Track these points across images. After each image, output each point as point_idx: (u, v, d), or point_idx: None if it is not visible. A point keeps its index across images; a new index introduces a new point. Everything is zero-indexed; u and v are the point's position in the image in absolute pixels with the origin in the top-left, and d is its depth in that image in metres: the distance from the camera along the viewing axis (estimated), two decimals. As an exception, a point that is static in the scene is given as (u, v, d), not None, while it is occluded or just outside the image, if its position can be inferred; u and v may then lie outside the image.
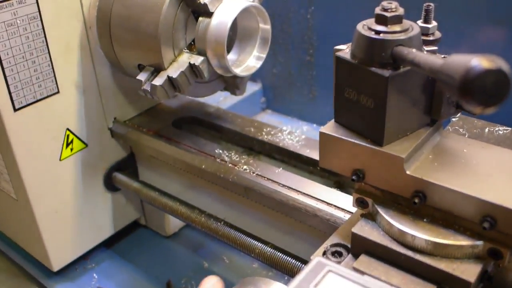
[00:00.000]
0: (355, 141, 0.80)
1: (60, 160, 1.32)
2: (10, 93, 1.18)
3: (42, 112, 1.25)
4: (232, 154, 1.24)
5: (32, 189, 1.29)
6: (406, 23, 0.77)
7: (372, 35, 0.75)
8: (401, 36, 0.74)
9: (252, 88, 1.92)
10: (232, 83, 1.26)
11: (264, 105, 1.91)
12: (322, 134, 0.84)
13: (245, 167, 1.19)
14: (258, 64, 1.21)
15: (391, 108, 0.76)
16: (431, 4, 0.85)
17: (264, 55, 1.21)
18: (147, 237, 1.61)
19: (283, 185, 1.13)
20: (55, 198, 1.35)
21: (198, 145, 1.29)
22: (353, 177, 0.82)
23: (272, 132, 1.32)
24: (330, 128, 0.84)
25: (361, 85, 0.78)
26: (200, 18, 1.13)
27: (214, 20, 1.10)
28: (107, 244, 1.55)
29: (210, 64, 1.14)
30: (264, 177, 1.16)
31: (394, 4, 0.76)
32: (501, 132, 0.99)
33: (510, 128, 1.04)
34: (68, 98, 1.29)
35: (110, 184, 1.45)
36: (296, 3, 1.54)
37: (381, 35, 0.75)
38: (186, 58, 1.14)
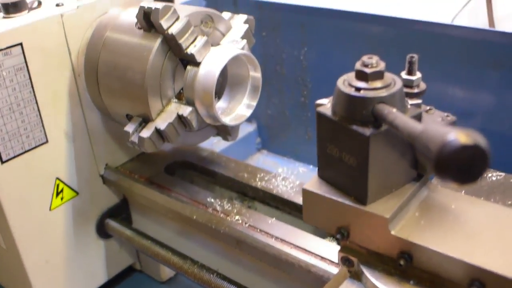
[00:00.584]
0: (338, 199, 0.78)
1: (50, 210, 1.29)
2: (-4, 145, 1.15)
3: (30, 163, 1.22)
4: (225, 202, 1.21)
5: (22, 239, 1.26)
6: (388, 77, 0.74)
7: (352, 92, 0.72)
8: (383, 93, 0.71)
9: (247, 128, 1.89)
10: (224, 130, 1.23)
11: (259, 146, 1.88)
12: (305, 191, 0.81)
13: (237, 217, 1.16)
14: (248, 112, 1.18)
15: (374, 166, 0.73)
16: (415, 55, 0.81)
17: (254, 103, 1.18)
18: (143, 282, 1.57)
19: (276, 238, 1.09)
20: (46, 248, 1.31)
21: (190, 193, 1.26)
22: (337, 236, 0.80)
23: (266, 178, 1.29)
24: (313, 184, 0.82)
25: (343, 143, 0.76)
26: (188, 67, 1.10)
27: (202, 70, 1.08)
28: (101, 291, 1.52)
29: (199, 114, 1.11)
30: (257, 229, 1.12)
31: (374, 59, 0.73)
32: (494, 178, 0.96)
33: (503, 174, 1.00)
34: (57, 147, 1.27)
35: (102, 231, 1.42)
36: (289, 44, 1.52)
37: (361, 92, 0.72)
38: (174, 108, 1.11)
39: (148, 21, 1.07)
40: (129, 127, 1.12)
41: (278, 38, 1.53)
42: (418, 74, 0.82)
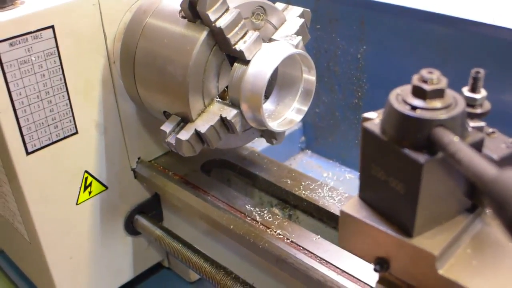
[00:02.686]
0: (380, 228, 0.69)
1: (77, 204, 1.21)
2: (22, 135, 1.06)
3: (58, 155, 1.13)
4: (265, 212, 1.10)
5: (45, 234, 1.18)
6: (449, 96, 0.63)
7: (407, 111, 0.62)
8: (442, 115, 0.62)
9: (291, 126, 1.73)
10: (269, 133, 1.11)
11: (303, 145, 1.73)
12: (343, 214, 0.73)
13: (278, 231, 1.05)
14: (299, 118, 1.06)
15: (425, 196, 0.64)
16: (480, 70, 0.70)
17: (305, 108, 1.06)
18: (170, 280, 1.49)
19: (320, 259, 0.98)
20: (70, 244, 1.23)
21: (227, 197, 1.15)
22: (376, 267, 0.71)
23: (311, 187, 1.17)
24: (353, 207, 0.73)
25: (391, 166, 0.66)
26: (236, 64, 0.98)
27: (251, 69, 0.96)
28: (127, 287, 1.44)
29: (243, 116, 0.99)
30: (300, 246, 1.01)
31: (435, 75, 0.63)
32: None
33: None
34: (88, 138, 1.17)
35: (131, 228, 1.34)
36: (346, 40, 1.37)
37: (417, 111, 0.62)
38: (217, 110, 1.00)
39: (193, 10, 0.95)
40: (166, 127, 1.01)
41: (334, 33, 1.38)
42: (483, 92, 0.71)
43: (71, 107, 1.12)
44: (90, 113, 1.16)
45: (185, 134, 0.99)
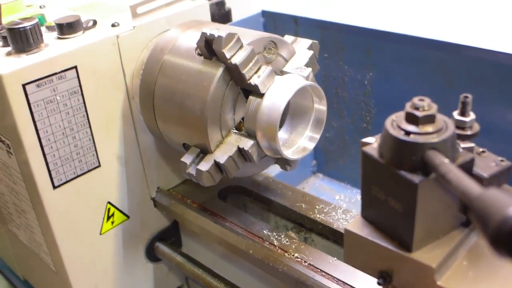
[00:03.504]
0: (382, 244, 0.74)
1: (100, 234, 1.25)
2: (49, 170, 1.12)
3: (82, 187, 1.18)
4: (282, 236, 1.15)
5: (71, 264, 1.22)
6: (440, 121, 0.69)
7: (401, 136, 0.68)
8: (434, 139, 0.67)
9: (303, 150, 1.77)
10: (283, 160, 1.16)
11: (314, 168, 1.79)
12: (347, 232, 0.79)
13: (296, 254, 1.09)
14: (311, 145, 1.11)
15: (422, 214, 0.70)
16: (469, 95, 0.77)
17: (318, 136, 1.11)
18: (190, 304, 1.53)
19: (338, 280, 1.03)
20: (95, 272, 1.28)
21: (245, 223, 1.20)
22: (379, 281, 0.77)
23: (325, 210, 1.22)
24: (356, 225, 0.79)
25: (389, 187, 0.72)
26: (251, 97, 1.04)
27: (266, 101, 1.01)
28: (148, 312, 1.48)
29: (259, 146, 1.05)
30: (317, 269, 1.06)
31: (426, 102, 0.69)
32: None
33: None
34: (110, 170, 1.22)
35: (152, 255, 1.38)
36: (353, 67, 1.44)
37: (411, 136, 0.68)
38: (235, 141, 1.05)
39: (209, 48, 1.01)
40: (187, 158, 1.07)
41: (341, 61, 1.44)
42: (472, 115, 0.78)
43: (94, 142, 1.17)
44: (112, 147, 1.21)
45: (205, 165, 1.04)
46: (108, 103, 1.18)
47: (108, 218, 1.26)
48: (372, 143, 0.75)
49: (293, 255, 1.10)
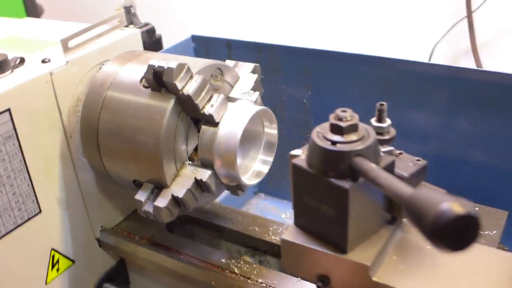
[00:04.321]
0: (318, 249, 0.79)
1: (46, 284, 1.17)
2: (-13, 224, 1.02)
3: (24, 237, 1.09)
4: (242, 263, 1.13)
5: (16, 320, 1.13)
6: (362, 129, 0.74)
7: (328, 146, 0.72)
8: (359, 146, 0.72)
9: (242, 172, 1.75)
10: (236, 185, 1.15)
11: (256, 189, 1.78)
12: (283, 241, 0.83)
13: (260, 279, 1.08)
14: (266, 168, 1.11)
15: (353, 216, 0.74)
16: (384, 103, 0.83)
17: (271, 159, 1.11)
18: None
19: (307, 301, 1.03)
20: (41, 325, 1.19)
21: (201, 254, 1.17)
22: (318, 284, 0.81)
23: (279, 231, 1.22)
24: (291, 234, 0.83)
25: (321, 195, 0.76)
26: (204, 127, 1.01)
27: (222, 130, 0.99)
28: None
29: (217, 176, 1.03)
30: (284, 292, 1.05)
31: (349, 113, 0.73)
32: None
33: (478, 205, 1.04)
34: (51, 215, 1.15)
35: (100, 298, 1.31)
36: (291, 86, 1.45)
37: (337, 145, 0.72)
38: (190, 173, 1.02)
39: (158, 80, 0.98)
40: (141, 196, 1.02)
41: (278, 81, 1.45)
42: (388, 121, 0.84)
43: (33, 187, 1.09)
44: (52, 190, 1.14)
45: (162, 201, 1.00)
46: (46, 145, 1.10)
47: (53, 265, 1.17)
48: (300, 154, 0.80)
49: (256, 281, 1.08)
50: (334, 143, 0.72)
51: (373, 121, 0.84)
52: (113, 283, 1.31)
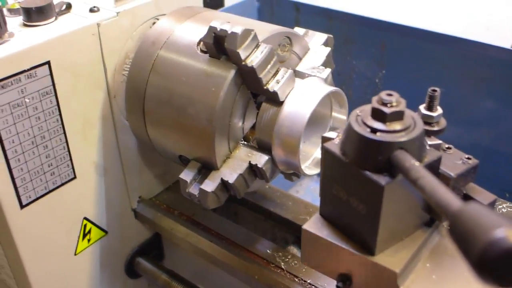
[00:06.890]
0: (343, 246, 0.69)
1: (75, 254, 1.08)
2: (16, 188, 0.93)
3: (55, 204, 1.00)
4: (289, 258, 1.01)
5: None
6: (408, 117, 0.63)
7: (367, 133, 0.61)
8: (402, 138, 0.61)
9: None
10: (292, 172, 1.02)
11: None
12: (305, 232, 0.73)
13: (309, 280, 0.97)
14: (331, 158, 0.97)
15: (386, 216, 0.64)
16: (437, 89, 0.72)
17: (338, 148, 0.97)
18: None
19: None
20: (67, 296, 1.11)
21: (245, 241, 1.05)
22: (338, 284, 0.72)
23: (334, 224, 1.09)
24: (314, 224, 0.73)
25: (352, 187, 0.66)
26: (265, 105, 0.88)
27: (287, 110, 0.86)
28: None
29: (274, 162, 0.90)
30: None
31: (395, 97, 0.62)
32: (504, 210, 0.85)
33: None
34: (87, 182, 1.04)
35: (132, 271, 1.22)
36: (363, 63, 1.26)
37: (378, 134, 0.61)
38: (245, 155, 0.89)
39: (219, 46, 0.84)
40: (186, 175, 0.90)
41: (348, 55, 1.29)
42: (439, 110, 0.73)
43: (68, 151, 0.99)
44: (89, 155, 1.03)
45: (210, 185, 0.88)
46: (86, 104, 0.99)
47: (84, 235, 1.08)
48: (334, 138, 0.69)
49: (304, 281, 0.97)
50: (374, 130, 0.61)
51: (422, 108, 0.73)
52: (146, 257, 1.21)
